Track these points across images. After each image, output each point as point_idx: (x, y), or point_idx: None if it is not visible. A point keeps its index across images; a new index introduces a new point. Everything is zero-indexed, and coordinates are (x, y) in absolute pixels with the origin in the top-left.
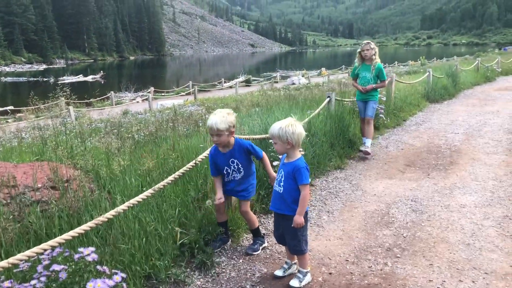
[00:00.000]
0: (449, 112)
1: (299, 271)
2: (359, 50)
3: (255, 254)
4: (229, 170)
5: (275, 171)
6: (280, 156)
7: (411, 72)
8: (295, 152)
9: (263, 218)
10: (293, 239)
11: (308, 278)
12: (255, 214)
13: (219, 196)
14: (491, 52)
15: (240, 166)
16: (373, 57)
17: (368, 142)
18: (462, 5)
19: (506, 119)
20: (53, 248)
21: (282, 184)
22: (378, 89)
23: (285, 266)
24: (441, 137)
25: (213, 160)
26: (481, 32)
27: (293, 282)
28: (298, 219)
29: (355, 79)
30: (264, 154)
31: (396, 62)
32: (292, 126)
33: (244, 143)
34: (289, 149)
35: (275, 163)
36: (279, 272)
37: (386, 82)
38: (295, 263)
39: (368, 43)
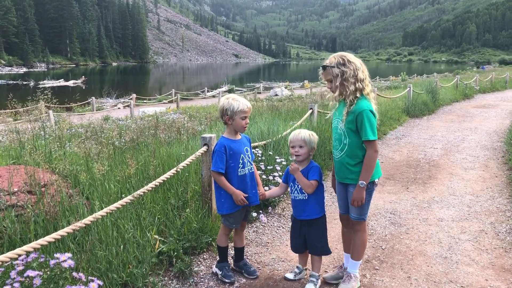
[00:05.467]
0: (428, 127)
1: (311, 275)
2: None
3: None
4: (244, 160)
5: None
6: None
7: (392, 87)
8: (309, 159)
9: None
10: (320, 240)
11: (319, 282)
12: None
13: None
14: (470, 70)
15: (251, 154)
16: (346, 84)
17: (357, 267)
18: (443, 24)
19: (483, 136)
20: (27, 253)
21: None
22: (354, 160)
23: (297, 270)
24: (420, 151)
25: (228, 148)
26: (460, 50)
27: (309, 286)
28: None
29: None
30: None
31: (377, 77)
32: (315, 136)
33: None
34: (310, 155)
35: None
36: (290, 275)
37: (376, 145)
38: (305, 269)
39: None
